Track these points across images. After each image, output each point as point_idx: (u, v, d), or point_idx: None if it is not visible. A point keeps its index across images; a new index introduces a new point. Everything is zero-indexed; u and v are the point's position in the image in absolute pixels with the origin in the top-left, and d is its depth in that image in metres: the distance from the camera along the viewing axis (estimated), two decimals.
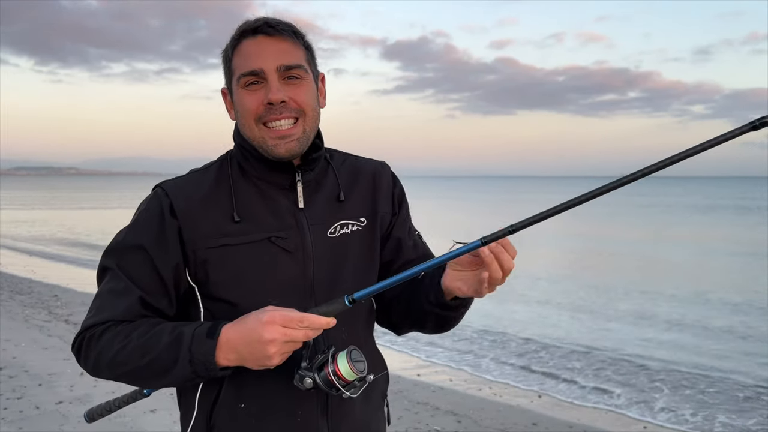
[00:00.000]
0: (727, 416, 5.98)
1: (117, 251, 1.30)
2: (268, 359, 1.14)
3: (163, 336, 1.19)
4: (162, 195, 1.29)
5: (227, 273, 1.26)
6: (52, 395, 5.25)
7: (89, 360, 1.25)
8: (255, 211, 1.29)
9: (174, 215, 1.26)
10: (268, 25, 1.26)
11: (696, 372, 7.38)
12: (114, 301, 1.25)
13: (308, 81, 1.29)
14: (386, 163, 1.49)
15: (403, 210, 1.47)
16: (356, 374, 1.16)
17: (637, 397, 6.47)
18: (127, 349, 1.20)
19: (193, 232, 1.26)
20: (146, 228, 1.28)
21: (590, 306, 11.29)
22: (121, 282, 1.26)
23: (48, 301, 9.87)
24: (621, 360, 7.87)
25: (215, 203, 1.28)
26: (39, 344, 7.03)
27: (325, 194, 1.36)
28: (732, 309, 11.04)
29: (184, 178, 1.34)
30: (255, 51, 1.26)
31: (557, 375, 7.22)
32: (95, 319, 1.26)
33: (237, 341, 1.15)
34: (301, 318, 1.13)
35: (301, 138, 1.27)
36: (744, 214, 37.79)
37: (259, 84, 1.26)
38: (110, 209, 43.33)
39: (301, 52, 1.29)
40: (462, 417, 5.29)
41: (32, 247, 19.60)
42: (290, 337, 1.13)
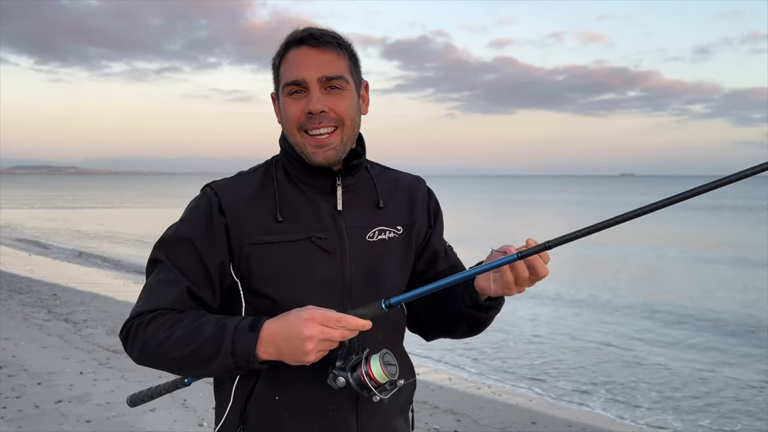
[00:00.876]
0: (727, 416, 5.98)
1: (167, 244, 1.36)
2: (305, 355, 1.18)
3: (207, 327, 1.24)
4: (211, 194, 1.37)
5: (269, 269, 1.32)
6: (51, 394, 5.25)
7: (135, 347, 1.31)
8: (297, 212, 1.36)
9: (222, 212, 1.33)
10: (312, 37, 1.33)
11: (696, 371, 7.39)
12: (162, 291, 1.32)
13: (349, 91, 1.35)
14: (421, 177, 1.57)
15: (438, 223, 1.53)
16: (388, 377, 1.20)
17: (636, 397, 6.47)
18: (173, 338, 1.25)
19: (239, 229, 1.33)
20: (195, 223, 1.35)
21: (591, 305, 11.30)
22: (171, 273, 1.33)
23: (47, 300, 9.87)
24: (621, 359, 7.88)
25: (260, 203, 1.36)
26: (38, 343, 7.03)
27: (364, 200, 1.43)
28: (733, 313, 11.04)
29: (232, 178, 1.42)
30: (299, 61, 1.33)
31: (557, 374, 7.23)
32: (143, 307, 1.32)
33: (277, 336, 1.19)
34: (339, 318, 1.18)
35: (339, 147, 1.34)
36: (743, 214, 37.81)
37: (301, 93, 1.33)
38: (112, 208, 43.34)
39: (343, 62, 1.35)
40: (461, 416, 5.30)
41: (32, 246, 19.60)
42: (327, 336, 1.17)
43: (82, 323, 8.25)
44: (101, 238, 22.59)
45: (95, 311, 9.10)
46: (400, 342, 1.48)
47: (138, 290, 1.40)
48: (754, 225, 29.78)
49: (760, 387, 6.89)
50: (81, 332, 7.72)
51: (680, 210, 31.00)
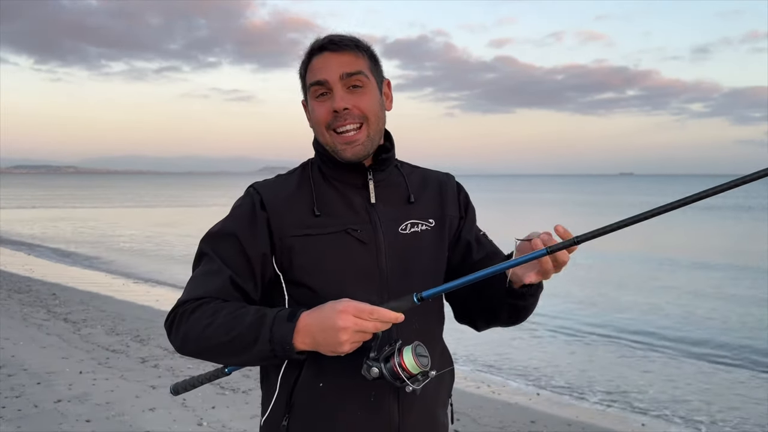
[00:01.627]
0: (726, 416, 5.99)
1: (213, 238, 1.45)
2: (339, 345, 1.23)
3: (247, 316, 1.30)
4: (254, 192, 1.47)
5: (309, 259, 1.40)
6: (50, 394, 5.25)
7: (179, 334, 1.37)
8: (333, 207, 1.45)
9: (264, 208, 1.43)
10: (332, 42, 1.43)
11: (697, 370, 7.39)
12: (206, 281, 1.39)
13: (371, 88, 1.44)
14: (451, 174, 1.64)
15: (470, 213, 1.60)
16: (420, 368, 1.24)
17: (635, 396, 6.48)
18: (214, 326, 1.31)
19: (280, 223, 1.42)
20: (239, 219, 1.44)
21: (592, 304, 11.30)
22: (215, 264, 1.40)
23: (46, 300, 9.87)
24: (621, 358, 7.89)
25: (299, 199, 1.45)
26: (38, 343, 7.03)
27: (395, 195, 1.51)
28: (738, 303, 11.05)
29: (272, 179, 1.52)
30: (321, 65, 1.43)
31: (556, 373, 7.23)
32: (189, 295, 1.39)
33: (313, 326, 1.25)
34: (372, 310, 1.23)
35: (366, 142, 1.43)
36: (741, 213, 37.84)
37: (326, 95, 1.42)
38: (113, 208, 43.33)
39: (363, 61, 1.44)
40: (460, 415, 5.30)
41: (31, 246, 19.59)
42: (361, 327, 1.22)
43: (81, 323, 8.24)
44: (100, 239, 22.57)
45: (94, 311, 9.10)
46: (439, 333, 1.55)
47: (138, 290, 1.42)
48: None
49: (761, 387, 6.89)
50: (80, 332, 7.72)
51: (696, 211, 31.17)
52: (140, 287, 11.88)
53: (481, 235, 1.59)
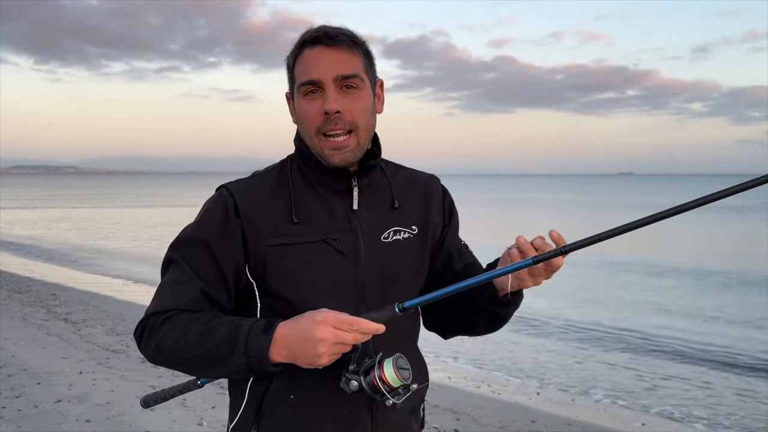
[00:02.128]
0: (726, 416, 5.99)
1: (182, 245, 1.37)
2: (317, 358, 1.18)
3: (221, 328, 1.25)
4: (227, 195, 1.37)
5: (284, 270, 1.33)
6: (50, 394, 5.25)
7: (150, 346, 1.31)
8: (312, 213, 1.36)
9: (238, 215, 1.34)
10: (327, 36, 1.32)
11: (698, 371, 7.39)
12: (177, 291, 1.32)
13: (365, 91, 1.35)
14: (436, 175, 1.56)
15: (454, 221, 1.53)
16: (401, 381, 1.20)
17: (635, 395, 6.48)
18: (187, 338, 1.26)
19: (255, 231, 1.33)
20: (211, 225, 1.35)
21: (592, 302, 11.30)
22: (185, 273, 1.33)
23: (47, 300, 9.87)
24: (621, 358, 7.88)
25: (276, 205, 1.36)
26: (38, 343, 7.03)
27: (379, 200, 1.43)
28: (739, 304, 11.05)
29: (246, 180, 1.42)
30: (314, 61, 1.32)
31: (557, 372, 7.23)
32: (158, 306, 1.32)
33: (290, 338, 1.20)
34: (352, 321, 1.18)
35: (355, 149, 1.34)
36: (740, 213, 37.84)
37: (317, 93, 1.32)
38: (113, 208, 43.32)
39: (359, 60, 1.34)
40: (461, 414, 5.30)
41: (31, 246, 19.59)
42: (340, 339, 1.17)
43: (81, 323, 8.24)
44: (100, 239, 22.57)
45: (94, 311, 9.10)
46: (414, 343, 1.49)
47: (138, 290, 1.40)
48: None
49: (762, 387, 6.89)
50: (80, 332, 7.72)
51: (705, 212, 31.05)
52: (140, 287, 11.84)
53: (462, 245, 1.52)
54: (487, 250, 1.61)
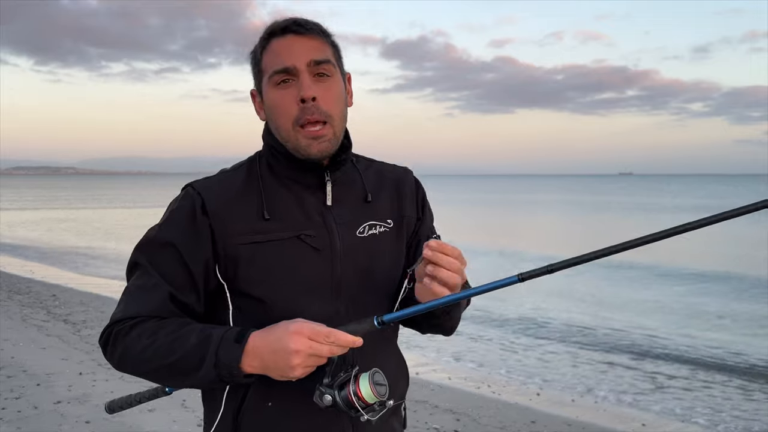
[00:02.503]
0: (729, 414, 5.98)
1: (148, 247, 1.31)
2: (290, 370, 1.14)
3: (191, 337, 1.20)
4: (194, 194, 1.31)
5: (256, 269, 1.27)
6: (50, 395, 5.24)
7: (115, 355, 1.26)
8: (284, 209, 1.31)
9: (205, 213, 1.28)
10: (296, 24, 1.29)
11: (696, 369, 7.39)
12: (143, 297, 1.27)
13: (337, 79, 1.32)
14: (409, 168, 1.52)
15: (427, 214, 1.50)
16: (377, 398, 1.16)
17: (636, 395, 6.47)
18: (153, 347, 1.21)
19: (224, 230, 1.28)
20: (178, 225, 1.30)
21: (592, 303, 11.29)
22: (152, 278, 1.27)
23: (46, 301, 9.86)
24: (621, 358, 7.88)
25: (245, 202, 1.31)
26: (37, 344, 7.03)
27: (352, 195, 1.39)
28: (736, 300, 11.05)
29: (214, 177, 1.37)
30: (285, 49, 1.28)
31: (557, 372, 7.22)
32: (124, 313, 1.27)
33: (263, 349, 1.15)
34: (328, 333, 1.14)
35: (332, 139, 1.30)
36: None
37: (290, 82, 1.27)
38: (113, 209, 43.31)
39: (329, 49, 1.32)
40: (461, 415, 5.29)
41: (31, 247, 19.58)
42: (315, 351, 1.13)
43: (81, 324, 8.24)
44: (100, 239, 22.56)
45: (94, 312, 9.09)
46: (394, 344, 1.45)
47: None
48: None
49: (762, 390, 6.88)
50: (80, 333, 7.71)
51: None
52: None
53: (434, 238, 1.47)
54: (487, 253, 1.60)
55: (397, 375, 1.41)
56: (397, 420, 1.44)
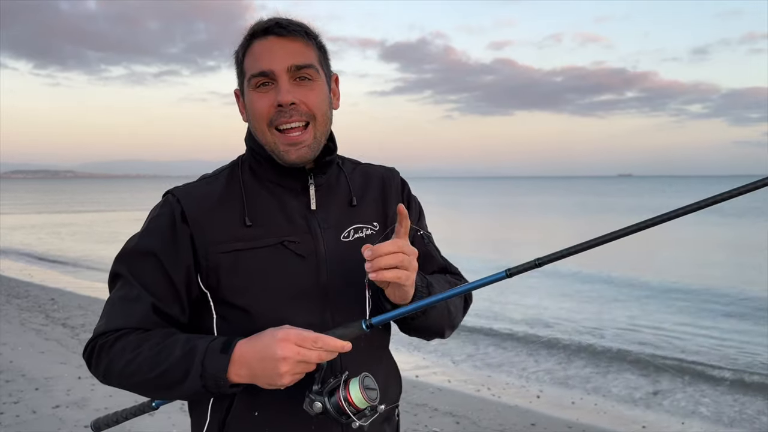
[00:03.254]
0: (729, 416, 5.98)
1: (128, 258, 1.28)
2: (279, 377, 1.12)
3: (175, 348, 1.18)
4: (173, 201, 1.28)
5: (239, 278, 1.25)
6: (48, 399, 5.23)
7: (100, 368, 1.25)
8: (267, 215, 1.28)
9: (185, 221, 1.26)
10: (279, 26, 1.25)
11: (696, 370, 7.37)
12: (126, 308, 1.24)
13: (320, 83, 1.28)
14: (395, 168, 1.49)
15: (413, 213, 1.45)
16: (368, 402, 1.14)
17: (636, 397, 6.46)
18: (138, 360, 1.19)
19: (205, 238, 1.25)
20: (158, 234, 1.27)
21: (589, 304, 11.28)
22: (134, 289, 1.25)
23: (45, 305, 9.84)
24: (621, 361, 7.86)
25: (227, 208, 1.28)
26: (36, 348, 7.01)
27: (337, 198, 1.36)
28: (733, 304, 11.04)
29: (194, 184, 1.34)
30: (265, 52, 1.25)
31: (557, 375, 7.21)
32: (107, 326, 1.25)
33: (250, 356, 1.13)
34: (316, 338, 1.12)
35: (312, 144, 1.27)
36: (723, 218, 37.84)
37: (269, 85, 1.25)
38: (112, 211, 43.28)
39: (312, 52, 1.27)
40: (461, 418, 5.28)
41: (29, 251, 19.56)
42: (303, 357, 1.11)
43: (79, 327, 8.22)
44: (98, 243, 22.54)
45: (93, 315, 9.06)
46: (386, 350, 1.43)
47: None
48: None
49: (762, 392, 6.87)
50: (79, 336, 7.69)
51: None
52: None
53: (419, 235, 1.42)
54: (487, 260, 1.59)
55: (388, 380, 1.39)
56: (389, 426, 1.41)
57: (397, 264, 1.14)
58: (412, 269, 1.18)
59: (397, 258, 1.14)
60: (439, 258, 1.46)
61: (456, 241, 19.76)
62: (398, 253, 1.15)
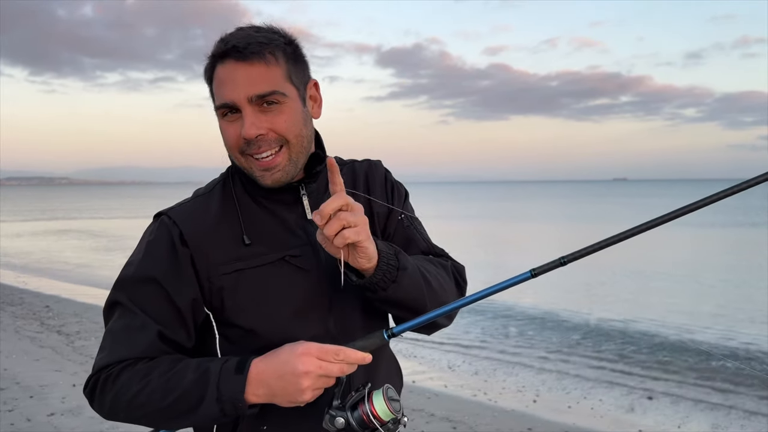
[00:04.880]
0: (726, 419, 5.98)
1: (128, 285, 1.23)
2: (300, 394, 1.09)
3: (187, 373, 1.13)
4: (170, 224, 1.24)
5: (243, 298, 1.22)
6: (43, 407, 5.20)
7: (105, 403, 1.18)
8: (265, 231, 1.25)
9: (185, 244, 1.22)
10: (236, 50, 1.18)
11: (697, 376, 7.38)
12: (130, 338, 1.19)
13: (289, 103, 1.21)
14: (379, 160, 1.47)
15: (395, 199, 1.42)
16: (393, 414, 1.11)
17: (633, 401, 6.46)
18: (148, 390, 1.14)
19: (206, 260, 1.22)
20: (157, 258, 1.22)
21: (588, 307, 11.28)
22: (136, 317, 1.19)
23: (40, 312, 9.80)
24: (619, 361, 7.87)
25: (224, 227, 1.24)
26: (30, 356, 6.97)
27: None
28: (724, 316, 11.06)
29: (189, 203, 1.30)
30: (227, 80, 1.19)
31: (554, 379, 7.21)
32: (110, 358, 1.18)
33: (268, 375, 1.10)
34: (338, 351, 1.09)
35: (287, 166, 1.23)
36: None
37: (236, 114, 1.20)
38: (108, 219, 43.17)
39: (277, 71, 1.20)
40: (457, 423, 5.27)
41: (24, 258, 19.48)
42: (325, 371, 1.09)
43: (75, 335, 8.18)
44: (93, 250, 22.47)
45: (88, 323, 9.03)
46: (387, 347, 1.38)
47: None
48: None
49: (764, 398, 6.88)
50: (74, 344, 7.66)
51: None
52: None
53: (399, 218, 1.39)
54: (486, 267, 1.59)
55: (397, 382, 1.39)
56: None
57: (343, 225, 1.10)
58: (361, 223, 1.12)
59: (339, 220, 1.10)
60: (422, 242, 1.41)
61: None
62: (340, 210, 1.10)
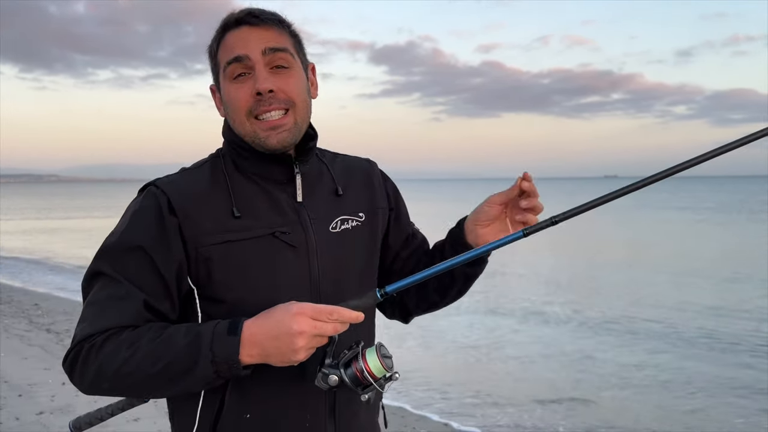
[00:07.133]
0: (726, 421, 6.00)
1: (112, 254, 1.20)
2: (294, 353, 1.09)
3: (177, 338, 1.12)
4: (158, 192, 1.23)
5: (231, 270, 1.21)
6: (32, 406, 5.17)
7: (87, 374, 1.15)
8: (255, 206, 1.25)
9: (173, 213, 1.20)
10: (251, 15, 1.24)
11: (697, 380, 7.41)
12: (114, 308, 1.16)
13: (297, 69, 1.27)
14: (373, 160, 1.49)
15: (401, 204, 1.49)
16: (386, 370, 1.12)
17: (630, 409, 6.48)
18: (137, 357, 1.11)
19: (194, 229, 1.20)
20: (144, 227, 1.21)
21: (588, 308, 11.32)
22: (121, 287, 1.17)
23: (29, 310, 9.74)
24: (619, 365, 7.90)
25: (213, 198, 1.24)
26: (19, 354, 6.93)
27: (322, 189, 1.34)
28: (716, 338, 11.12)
29: (177, 175, 1.29)
30: (239, 40, 1.23)
31: (539, 411, 7.22)
32: (93, 328, 1.16)
33: (262, 335, 1.10)
34: (332, 311, 1.10)
35: (293, 128, 1.25)
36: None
37: (246, 75, 1.23)
38: (98, 219, 42.93)
39: (287, 39, 1.27)
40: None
41: (14, 257, 19.34)
42: (319, 330, 1.09)
43: (64, 333, 8.14)
44: (82, 248, 22.35)
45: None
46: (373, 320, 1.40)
47: None
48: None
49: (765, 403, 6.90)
50: (63, 342, 7.62)
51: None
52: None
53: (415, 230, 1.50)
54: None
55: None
56: (377, 421, 1.41)
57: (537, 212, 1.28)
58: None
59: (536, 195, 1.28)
60: (420, 233, 1.50)
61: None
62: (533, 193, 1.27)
